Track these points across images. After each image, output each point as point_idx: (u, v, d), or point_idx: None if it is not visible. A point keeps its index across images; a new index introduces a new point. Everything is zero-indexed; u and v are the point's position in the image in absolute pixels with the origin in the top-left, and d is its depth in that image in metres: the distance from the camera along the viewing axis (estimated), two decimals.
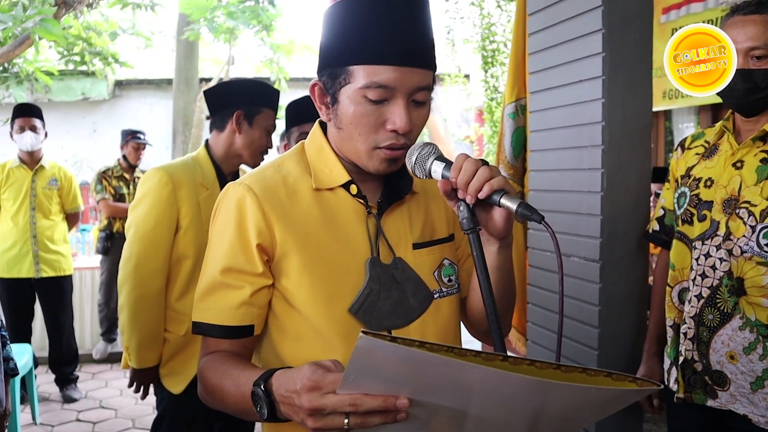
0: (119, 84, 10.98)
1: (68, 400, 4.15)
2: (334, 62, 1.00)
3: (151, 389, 2.17)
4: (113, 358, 4.98)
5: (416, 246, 1.09)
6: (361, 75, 0.97)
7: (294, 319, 1.03)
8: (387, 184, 1.10)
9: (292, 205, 1.04)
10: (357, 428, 0.78)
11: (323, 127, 1.12)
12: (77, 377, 4.34)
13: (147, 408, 3.96)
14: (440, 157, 0.99)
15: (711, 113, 4.83)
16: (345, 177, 1.06)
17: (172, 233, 2.02)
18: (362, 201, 1.07)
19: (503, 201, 0.91)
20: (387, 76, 0.96)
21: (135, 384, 2.11)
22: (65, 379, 4.24)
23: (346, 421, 0.77)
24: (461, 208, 0.95)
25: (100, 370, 4.81)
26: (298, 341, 1.04)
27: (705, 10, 4.43)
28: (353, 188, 1.07)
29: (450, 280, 1.12)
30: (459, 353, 0.69)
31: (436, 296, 1.09)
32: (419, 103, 1.01)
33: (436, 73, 1.04)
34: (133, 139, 4.91)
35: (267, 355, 1.09)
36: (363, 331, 0.66)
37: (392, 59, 0.96)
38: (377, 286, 1.03)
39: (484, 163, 0.94)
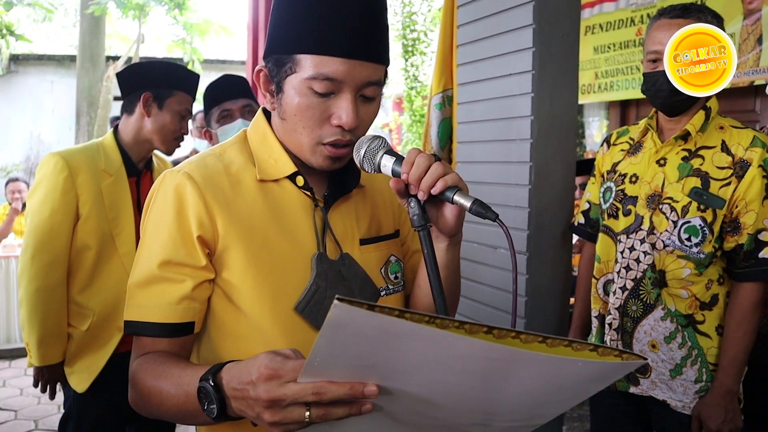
0: (15, 59, 10.18)
1: None
2: (281, 49, 0.94)
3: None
4: (12, 354, 4.64)
5: (363, 242, 1.06)
6: (308, 65, 0.91)
7: (236, 316, 0.97)
8: (333, 178, 1.05)
9: (236, 196, 0.98)
10: (318, 421, 0.73)
11: (267, 115, 1.06)
12: None
13: (51, 407, 3.72)
14: (390, 152, 0.95)
15: (620, 109, 5.06)
16: (291, 168, 1.01)
17: (71, 222, 1.90)
18: (309, 194, 1.02)
19: (456, 198, 0.89)
20: (335, 68, 0.91)
21: (40, 383, 1.99)
22: None
23: (307, 413, 0.72)
24: (412, 204, 0.92)
25: None
26: (239, 340, 0.97)
27: (616, 9, 4.64)
28: (299, 180, 1.01)
29: (396, 277, 1.09)
30: (441, 324, 0.63)
31: (383, 293, 1.06)
32: (368, 98, 0.96)
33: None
34: None
35: (206, 354, 1.02)
36: (338, 298, 0.58)
37: (342, 50, 0.90)
38: (324, 282, 0.98)
39: (437, 159, 0.91)
